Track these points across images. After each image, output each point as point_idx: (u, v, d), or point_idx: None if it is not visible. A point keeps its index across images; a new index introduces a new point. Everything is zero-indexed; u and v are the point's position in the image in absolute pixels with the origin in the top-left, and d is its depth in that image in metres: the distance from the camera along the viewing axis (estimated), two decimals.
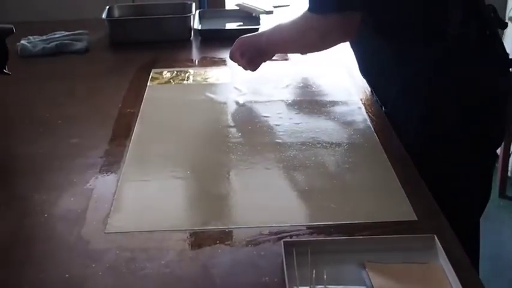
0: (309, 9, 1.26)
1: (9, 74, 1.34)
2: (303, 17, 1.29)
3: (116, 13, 1.93)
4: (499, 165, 2.59)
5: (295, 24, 1.32)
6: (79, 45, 1.78)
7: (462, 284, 0.81)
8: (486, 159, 1.28)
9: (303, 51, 1.50)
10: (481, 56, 1.23)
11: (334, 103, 1.40)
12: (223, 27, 1.95)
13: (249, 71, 1.47)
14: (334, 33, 1.26)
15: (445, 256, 0.86)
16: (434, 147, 1.23)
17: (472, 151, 1.25)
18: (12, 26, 1.35)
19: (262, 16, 1.93)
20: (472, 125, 1.23)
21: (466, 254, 0.90)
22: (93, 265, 0.89)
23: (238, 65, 1.47)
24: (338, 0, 1.21)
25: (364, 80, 1.44)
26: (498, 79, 1.26)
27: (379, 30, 1.26)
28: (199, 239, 0.95)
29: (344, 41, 1.32)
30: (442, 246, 0.88)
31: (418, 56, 1.22)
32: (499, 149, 2.55)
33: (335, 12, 1.22)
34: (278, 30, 1.39)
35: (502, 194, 2.64)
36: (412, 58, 1.23)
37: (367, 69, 1.41)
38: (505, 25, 1.25)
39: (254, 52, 1.43)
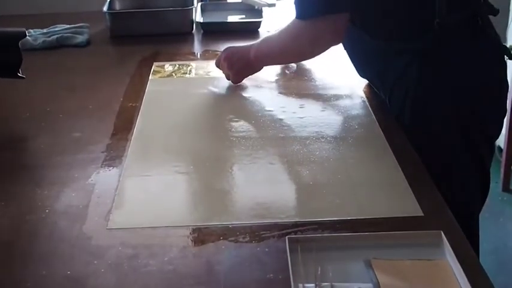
0: (297, 16, 1.26)
1: (23, 78, 1.32)
2: (291, 26, 1.29)
3: (117, 5, 1.92)
4: (502, 158, 2.57)
5: (283, 33, 1.32)
6: (80, 38, 1.77)
7: (469, 281, 0.80)
8: (482, 151, 1.26)
9: (293, 60, 1.49)
10: (472, 45, 1.21)
11: (338, 97, 1.39)
12: (225, 20, 1.94)
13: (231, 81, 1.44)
14: (324, 38, 1.27)
15: (452, 252, 0.85)
16: (427, 140, 1.21)
17: (466, 143, 1.23)
18: (24, 29, 1.34)
19: (264, 9, 1.92)
20: (464, 116, 1.21)
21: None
22: (95, 262, 0.88)
23: (223, 73, 1.45)
24: (325, 4, 1.21)
25: None
26: (491, 68, 1.24)
27: (366, 28, 1.25)
28: (202, 235, 0.94)
29: (333, 44, 1.32)
30: (449, 243, 0.86)
31: (408, 50, 1.21)
32: (503, 142, 2.54)
33: (323, 16, 1.21)
34: (266, 42, 1.40)
35: (506, 188, 2.63)
36: (402, 52, 1.22)
37: (361, 69, 1.40)
38: (497, 11, 1.23)
39: (243, 65, 1.41)
